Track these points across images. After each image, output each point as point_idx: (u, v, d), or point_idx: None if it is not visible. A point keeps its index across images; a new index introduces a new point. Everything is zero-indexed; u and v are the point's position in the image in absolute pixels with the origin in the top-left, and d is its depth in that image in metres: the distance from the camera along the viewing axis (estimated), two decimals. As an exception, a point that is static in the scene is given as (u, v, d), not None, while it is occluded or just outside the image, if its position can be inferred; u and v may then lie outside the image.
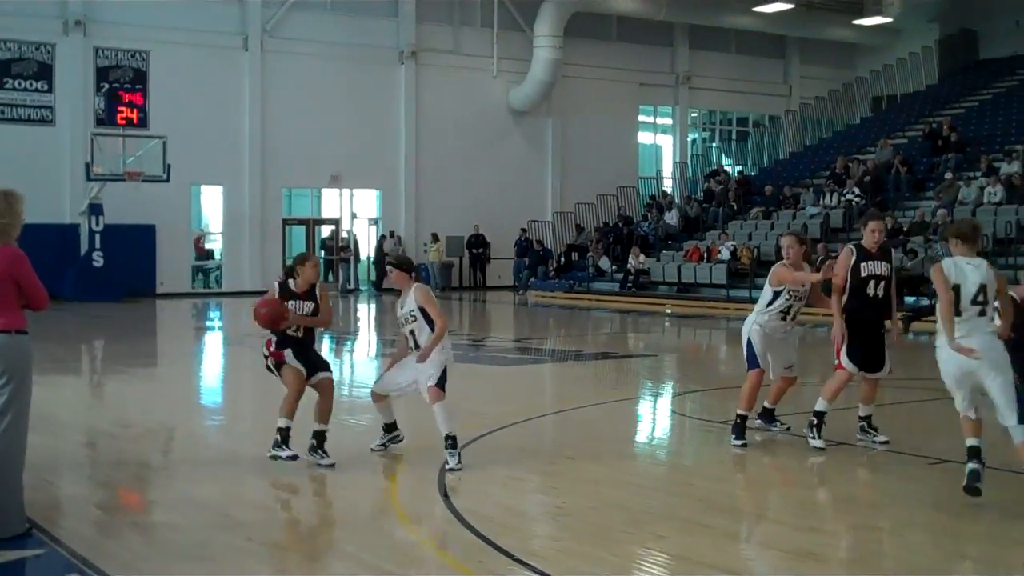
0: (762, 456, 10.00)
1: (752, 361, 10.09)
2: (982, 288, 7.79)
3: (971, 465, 7.77)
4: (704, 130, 45.35)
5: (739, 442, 9.98)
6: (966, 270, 7.84)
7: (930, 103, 39.34)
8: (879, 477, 9.32)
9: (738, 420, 10.08)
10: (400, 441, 9.63)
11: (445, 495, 8.21)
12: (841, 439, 9.97)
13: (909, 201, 30.98)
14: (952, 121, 34.57)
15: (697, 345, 23.51)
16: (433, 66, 37.00)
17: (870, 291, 9.65)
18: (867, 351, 9.71)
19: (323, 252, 36.17)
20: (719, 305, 29.15)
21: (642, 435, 12.14)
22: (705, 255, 31.19)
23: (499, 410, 12.12)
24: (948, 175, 30.61)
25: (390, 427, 9.64)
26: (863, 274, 9.65)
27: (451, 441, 8.95)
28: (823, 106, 43.49)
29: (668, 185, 42.06)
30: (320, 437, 9.10)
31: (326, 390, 9.17)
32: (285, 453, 8.99)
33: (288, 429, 9.03)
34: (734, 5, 39.35)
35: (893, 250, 11.04)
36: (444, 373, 9.05)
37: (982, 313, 7.82)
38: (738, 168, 42.18)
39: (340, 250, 36.40)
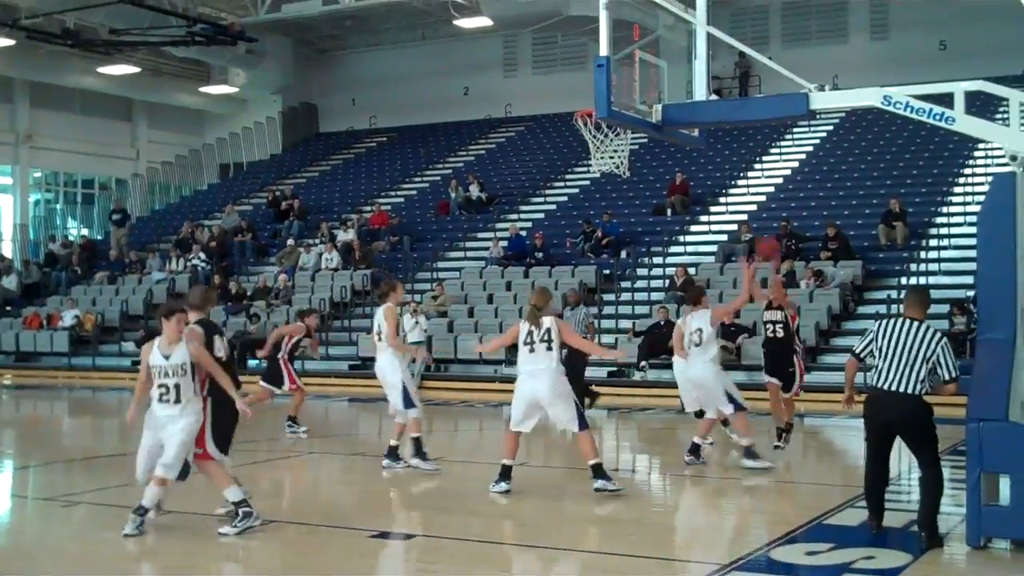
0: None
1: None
2: (698, 330, 11.81)
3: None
4: (48, 191, 43.57)
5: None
6: (689, 321, 12.00)
7: (275, 171, 40.92)
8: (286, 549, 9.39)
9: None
10: None
11: None
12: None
13: (253, 267, 31.88)
14: (294, 189, 36.20)
15: (38, 417, 22.45)
16: None
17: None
18: None
19: None
20: (62, 374, 28.16)
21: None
22: (46, 321, 29.98)
23: None
24: (291, 242, 31.92)
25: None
26: None
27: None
28: (171, 171, 43.66)
29: (7, 249, 39.84)
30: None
31: None
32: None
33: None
34: (78, 64, 38.28)
35: (235, 316, 11.30)
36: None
37: (698, 345, 11.84)
38: (83, 231, 41.01)
39: None
